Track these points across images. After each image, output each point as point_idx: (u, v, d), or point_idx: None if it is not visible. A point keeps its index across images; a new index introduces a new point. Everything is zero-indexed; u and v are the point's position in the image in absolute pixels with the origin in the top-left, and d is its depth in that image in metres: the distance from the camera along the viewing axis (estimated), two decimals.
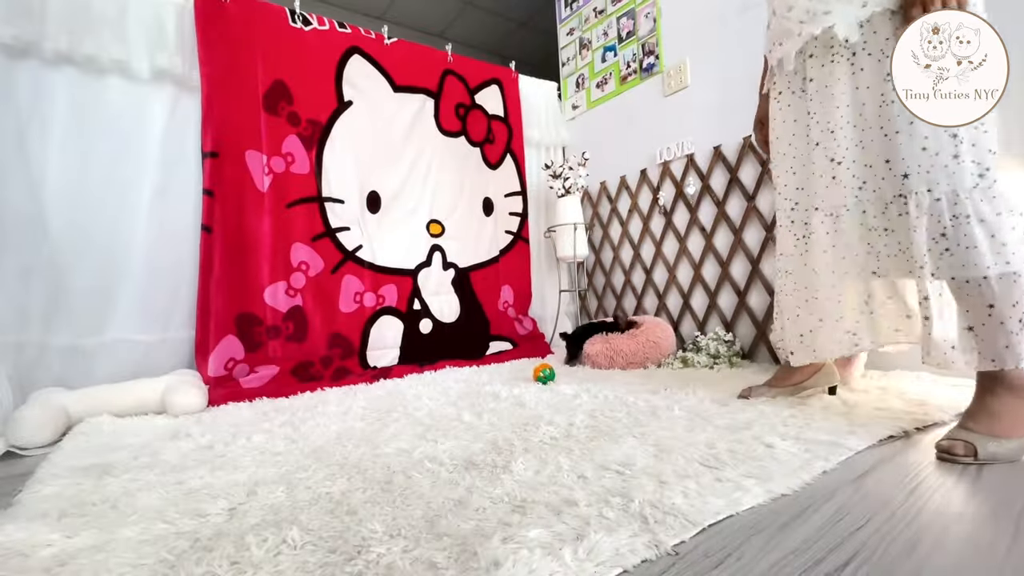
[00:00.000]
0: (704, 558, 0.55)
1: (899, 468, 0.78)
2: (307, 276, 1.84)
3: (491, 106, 2.41)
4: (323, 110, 1.92)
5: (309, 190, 1.87)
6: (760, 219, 1.79)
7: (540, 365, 1.57)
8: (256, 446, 1.03)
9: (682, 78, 2.06)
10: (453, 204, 2.24)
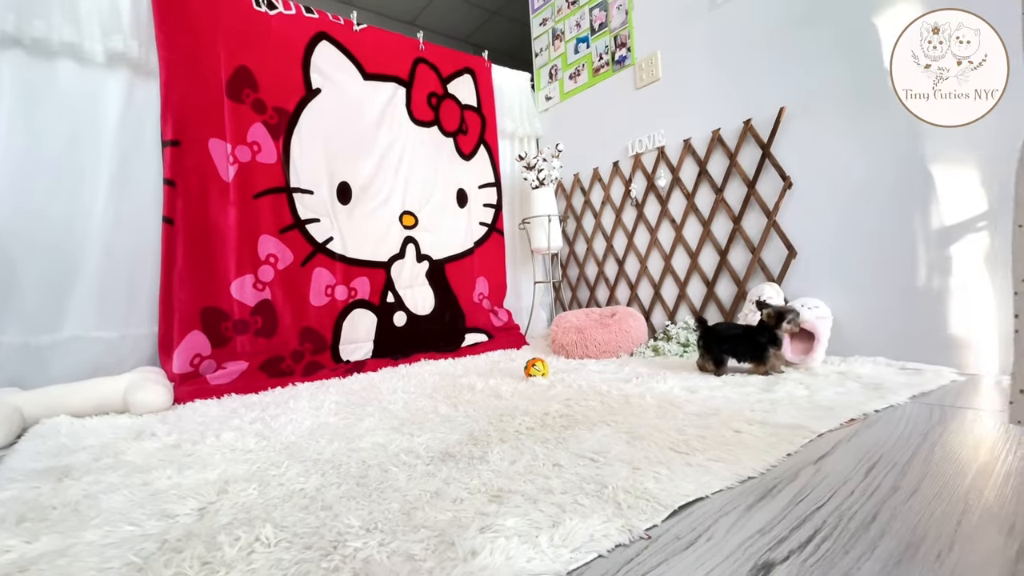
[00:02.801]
0: (675, 540, 0.57)
1: (857, 449, 0.82)
2: (276, 269, 1.79)
3: (464, 96, 2.38)
4: (290, 98, 1.86)
5: (276, 180, 1.82)
6: (728, 211, 1.83)
7: (532, 360, 1.51)
8: (226, 444, 1.00)
9: (654, 71, 2.08)
10: (426, 195, 2.22)
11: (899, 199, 1.42)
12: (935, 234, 1.36)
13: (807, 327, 1.45)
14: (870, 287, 1.49)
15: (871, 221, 1.48)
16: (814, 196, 1.60)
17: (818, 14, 1.56)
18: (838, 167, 1.54)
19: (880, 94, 1.43)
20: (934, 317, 1.37)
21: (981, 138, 1.27)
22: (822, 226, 1.59)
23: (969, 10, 0.97)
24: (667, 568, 0.52)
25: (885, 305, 1.46)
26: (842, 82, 1.52)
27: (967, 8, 1.03)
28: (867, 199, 1.48)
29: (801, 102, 1.62)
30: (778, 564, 0.51)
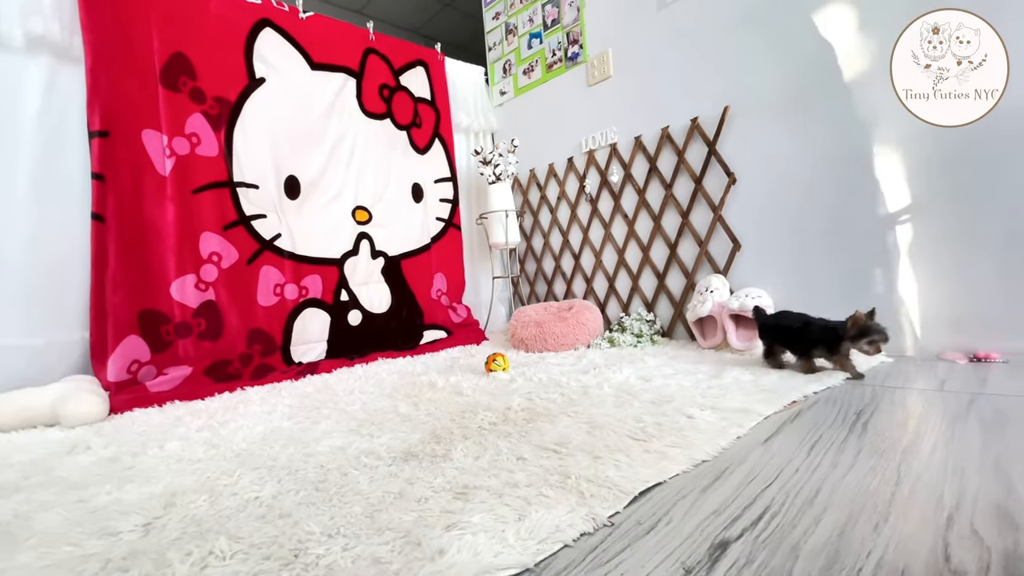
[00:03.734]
0: (637, 525, 0.59)
1: (800, 428, 0.87)
2: (219, 268, 1.70)
3: (417, 88, 2.34)
4: (232, 87, 1.77)
5: (218, 174, 1.72)
6: (677, 206, 1.89)
7: (492, 355, 1.52)
8: (171, 454, 0.95)
9: (605, 68, 2.12)
10: (380, 190, 2.16)
11: (834, 193, 1.52)
12: (866, 226, 1.46)
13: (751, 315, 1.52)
14: (807, 276, 1.59)
15: (808, 214, 1.57)
16: (757, 191, 1.68)
17: (760, 15, 1.64)
18: (779, 163, 1.62)
19: (817, 92, 1.52)
20: (865, 303, 1.47)
21: (906, 137, 1.37)
22: (764, 220, 1.67)
23: (969, 10, 0.99)
24: (630, 553, 0.53)
25: (821, 293, 1.56)
26: (782, 81, 1.60)
27: (966, 8, 1.02)
28: (805, 193, 1.58)
29: (744, 101, 1.69)
30: (733, 542, 0.54)
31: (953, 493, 0.60)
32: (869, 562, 0.48)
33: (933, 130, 1.33)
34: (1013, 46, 0.95)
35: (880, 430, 0.84)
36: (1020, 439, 0.75)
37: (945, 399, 0.98)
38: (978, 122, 1.25)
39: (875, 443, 0.78)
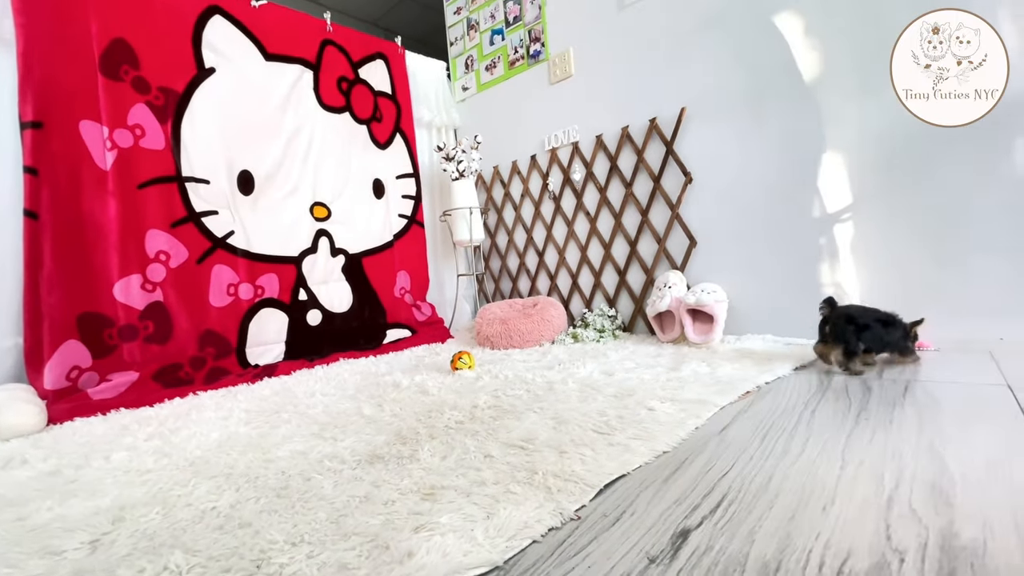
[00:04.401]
0: (603, 518, 0.61)
1: (753, 418, 0.92)
2: (167, 267, 1.62)
3: (377, 82, 2.29)
4: (179, 77, 1.68)
5: (165, 168, 1.64)
6: (637, 204, 1.94)
7: (458, 353, 1.51)
8: (118, 465, 0.90)
9: (567, 67, 2.13)
10: (340, 185, 2.11)
11: (784, 193, 1.59)
12: (812, 224, 1.54)
13: (706, 310, 1.58)
14: (759, 271, 1.66)
15: (760, 213, 1.64)
16: (712, 190, 1.74)
17: (718, 18, 1.69)
18: (732, 163, 1.69)
19: (770, 95, 1.59)
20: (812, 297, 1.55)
21: (848, 140, 1.45)
22: (719, 217, 1.74)
23: (969, 10, 0.99)
24: (597, 545, 0.55)
25: (772, 287, 1.63)
26: (736, 84, 1.66)
27: (966, 8, 1.02)
28: (757, 192, 1.64)
29: (700, 102, 1.75)
30: (693, 530, 0.56)
31: (892, 475, 0.65)
32: (818, 543, 0.51)
33: (872, 133, 1.41)
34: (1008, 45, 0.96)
35: (826, 417, 0.89)
36: (951, 423, 0.82)
37: (884, 386, 1.05)
38: (914, 125, 1.34)
39: (822, 430, 0.83)
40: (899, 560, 0.47)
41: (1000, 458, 0.67)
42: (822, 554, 0.49)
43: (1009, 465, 0.65)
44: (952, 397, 0.94)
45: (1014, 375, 1.03)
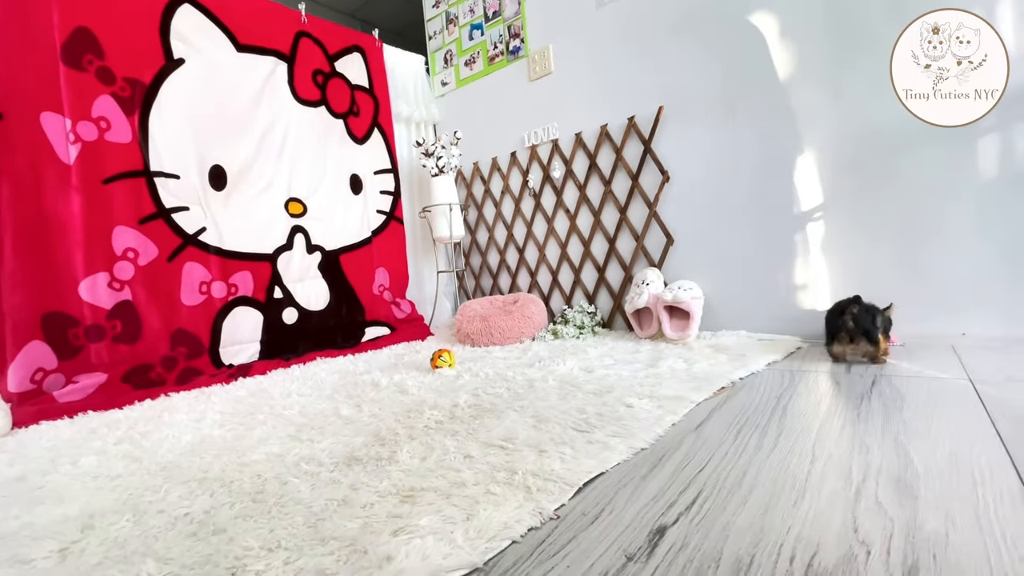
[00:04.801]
0: (582, 516, 0.61)
1: (728, 414, 0.94)
2: (136, 265, 1.57)
3: (354, 75, 2.25)
4: (146, 68, 1.62)
5: (133, 163, 1.58)
6: (616, 202, 1.95)
7: (438, 351, 1.50)
8: (86, 471, 0.87)
9: (546, 64, 2.13)
10: (316, 181, 2.07)
11: (757, 192, 1.62)
12: (785, 221, 1.58)
13: (683, 307, 1.61)
14: (734, 269, 1.69)
15: (735, 211, 1.67)
16: (688, 189, 1.77)
17: (694, 17, 1.71)
18: (708, 162, 1.71)
19: (745, 94, 1.62)
20: (784, 293, 1.60)
21: (822, 140, 1.49)
22: (695, 216, 1.76)
23: (969, 10, 0.99)
24: (576, 544, 0.55)
25: (746, 284, 1.67)
26: (713, 84, 1.68)
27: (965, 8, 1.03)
28: (732, 191, 1.67)
29: (678, 101, 1.77)
30: (670, 527, 0.57)
31: (860, 468, 0.67)
32: (789, 537, 0.53)
33: (842, 134, 1.45)
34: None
35: (797, 412, 0.91)
36: (915, 416, 0.85)
37: (852, 380, 1.09)
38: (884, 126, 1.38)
39: (793, 424, 0.85)
40: (865, 552, 0.49)
41: (961, 450, 0.70)
42: (793, 548, 0.51)
43: (970, 457, 0.68)
44: (916, 391, 0.97)
45: (975, 369, 1.07)
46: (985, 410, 0.84)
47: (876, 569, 0.46)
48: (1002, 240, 1.27)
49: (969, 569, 0.45)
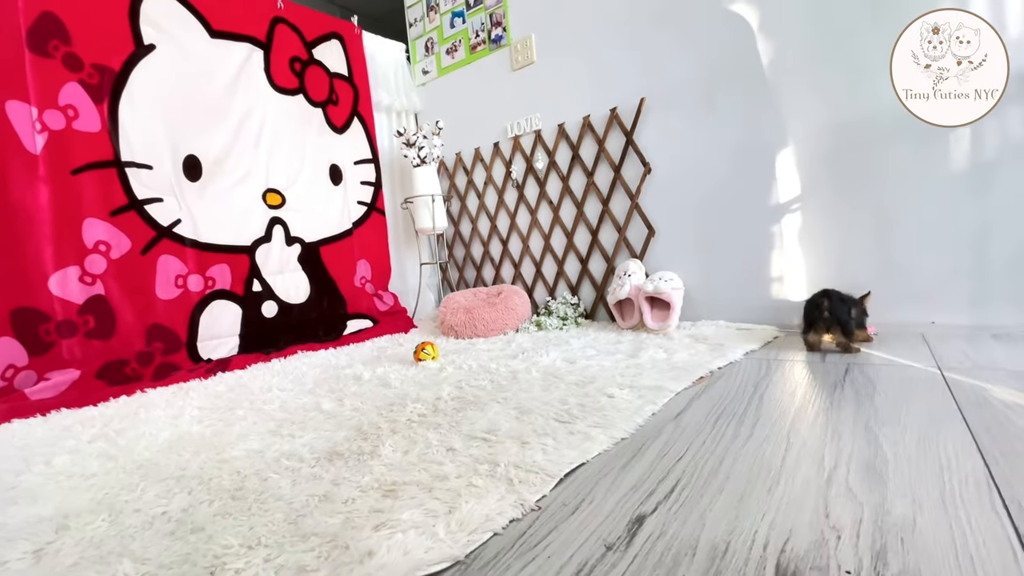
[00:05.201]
0: (562, 507, 0.62)
1: (706, 403, 0.95)
2: (108, 258, 1.53)
3: (332, 63, 2.20)
4: (115, 54, 1.57)
5: (103, 152, 1.53)
6: (598, 194, 1.96)
7: (421, 344, 1.50)
8: (60, 470, 0.85)
9: (528, 54, 2.12)
10: (294, 171, 2.03)
11: (737, 183, 1.64)
12: (763, 213, 1.60)
13: (664, 297, 1.63)
14: (713, 260, 1.72)
15: (715, 203, 1.69)
16: (670, 180, 1.78)
17: (676, 8, 1.71)
18: (688, 154, 1.72)
19: (726, 86, 1.63)
20: (762, 283, 1.62)
21: (801, 133, 1.51)
22: (676, 207, 1.78)
23: (969, 10, 0.99)
24: (556, 535, 0.56)
25: (725, 275, 1.69)
26: (695, 76, 1.69)
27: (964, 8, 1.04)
28: (712, 183, 1.69)
29: (659, 93, 1.77)
30: (648, 516, 0.58)
31: (832, 455, 0.69)
32: (763, 523, 0.54)
33: (820, 127, 1.47)
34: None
35: (773, 400, 0.94)
36: (885, 402, 0.87)
37: (826, 369, 1.11)
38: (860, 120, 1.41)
39: (769, 413, 0.87)
40: (836, 537, 0.51)
41: (929, 436, 0.72)
42: (767, 534, 0.52)
43: (937, 443, 0.70)
44: (887, 379, 1.00)
45: (943, 357, 1.11)
46: (952, 397, 0.87)
47: (846, 553, 0.48)
48: (970, 232, 1.31)
49: (935, 552, 0.47)
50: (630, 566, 0.49)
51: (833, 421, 0.81)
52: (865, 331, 1.31)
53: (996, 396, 0.86)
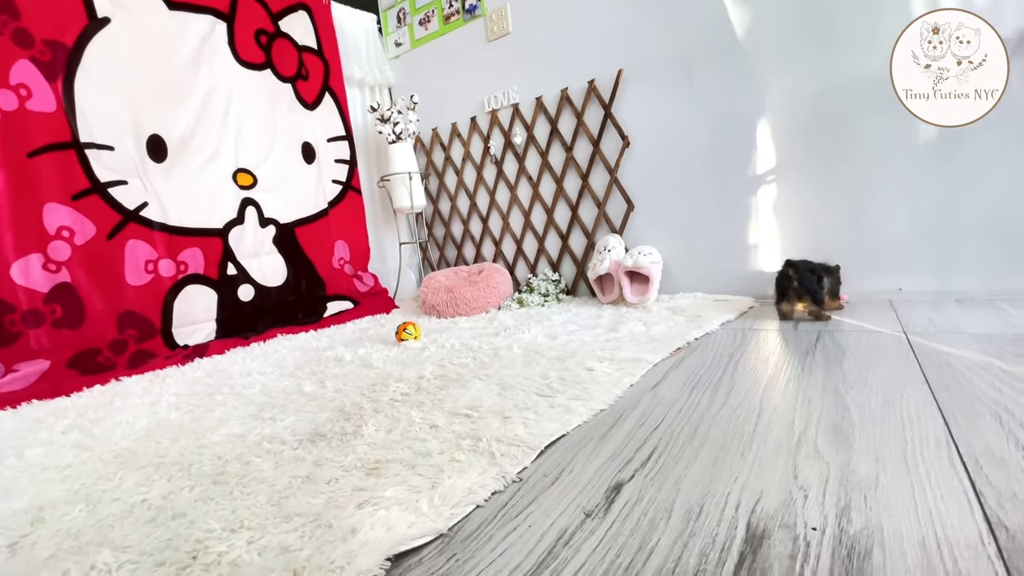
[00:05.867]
0: (543, 478, 0.64)
1: (683, 373, 0.97)
2: (73, 245, 1.47)
3: (300, 35, 2.12)
4: (67, 28, 1.48)
5: (60, 134, 1.46)
6: (577, 169, 1.95)
7: (403, 324, 1.49)
8: (33, 462, 0.84)
9: (504, 24, 2.06)
10: (265, 150, 1.97)
11: (713, 156, 1.65)
12: (740, 185, 1.61)
13: (643, 271, 1.64)
14: (692, 232, 1.73)
15: (692, 175, 1.70)
16: (648, 154, 1.78)
17: None
18: (667, 127, 1.72)
19: (703, 57, 1.62)
20: (739, 254, 1.65)
21: (776, 105, 1.51)
22: (654, 181, 1.78)
23: (969, 10, 0.99)
24: (537, 505, 0.57)
25: (702, 247, 1.71)
26: (671, 46, 1.67)
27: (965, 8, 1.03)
28: (689, 155, 1.69)
29: (637, 64, 1.75)
30: (626, 483, 0.60)
31: (802, 419, 0.71)
32: (736, 486, 0.56)
33: (794, 99, 1.48)
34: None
35: (748, 369, 0.96)
36: (853, 367, 0.90)
37: (799, 336, 1.14)
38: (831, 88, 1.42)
39: (743, 380, 0.90)
40: (803, 496, 0.53)
41: (893, 398, 0.75)
42: (739, 496, 0.54)
43: (900, 404, 0.73)
44: (856, 345, 1.04)
45: (909, 322, 1.15)
46: (916, 360, 0.91)
47: (812, 511, 0.50)
48: (935, 201, 1.34)
49: (896, 508, 0.49)
50: (608, 531, 0.51)
51: (804, 386, 0.84)
52: (837, 299, 1.35)
53: (957, 358, 0.89)
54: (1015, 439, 0.60)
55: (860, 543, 0.45)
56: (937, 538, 0.44)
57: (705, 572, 0.43)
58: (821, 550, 0.44)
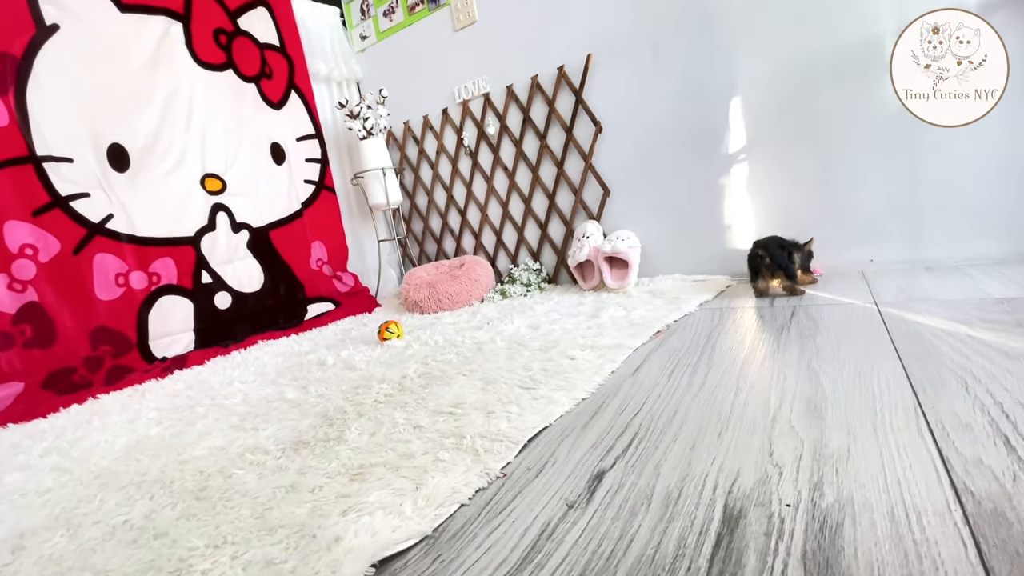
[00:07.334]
0: (527, 471, 0.64)
1: (663, 356, 0.99)
2: (37, 262, 1.43)
3: (261, 33, 2.06)
4: (14, 38, 1.41)
5: (15, 148, 1.41)
6: (552, 156, 1.94)
7: (385, 323, 1.48)
8: (12, 488, 0.82)
9: (470, 12, 2.03)
10: (232, 153, 1.92)
11: (685, 137, 1.65)
12: (712, 165, 1.63)
13: (622, 256, 1.65)
14: (667, 214, 1.74)
15: (665, 158, 1.70)
16: (621, 138, 1.78)
17: None
18: (637, 110, 1.72)
19: (670, 38, 1.61)
20: (714, 234, 1.67)
21: (746, 83, 1.52)
22: (629, 165, 1.78)
23: (969, 10, 0.99)
24: (521, 499, 0.58)
25: (678, 228, 1.73)
26: (639, 27, 1.66)
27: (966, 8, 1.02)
28: (660, 138, 1.70)
29: (605, 48, 1.74)
30: (608, 471, 0.61)
31: (777, 396, 0.73)
32: (713, 468, 0.57)
33: (763, 75, 1.49)
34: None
35: (725, 348, 0.98)
36: (827, 341, 0.92)
37: (774, 313, 1.17)
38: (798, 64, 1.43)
39: (721, 360, 0.91)
40: (779, 473, 0.54)
41: (864, 370, 0.77)
42: (716, 477, 0.55)
43: (871, 375, 0.75)
44: (829, 318, 1.06)
45: (879, 292, 1.18)
46: (887, 330, 0.93)
47: (787, 487, 0.51)
48: (903, 173, 1.36)
49: (866, 479, 0.51)
50: (590, 521, 0.51)
51: (779, 363, 0.85)
52: (811, 274, 1.38)
53: (926, 326, 0.92)
54: (980, 404, 0.62)
55: (832, 516, 0.46)
56: (906, 507, 0.46)
57: (684, 556, 0.44)
58: (795, 526, 0.46)
